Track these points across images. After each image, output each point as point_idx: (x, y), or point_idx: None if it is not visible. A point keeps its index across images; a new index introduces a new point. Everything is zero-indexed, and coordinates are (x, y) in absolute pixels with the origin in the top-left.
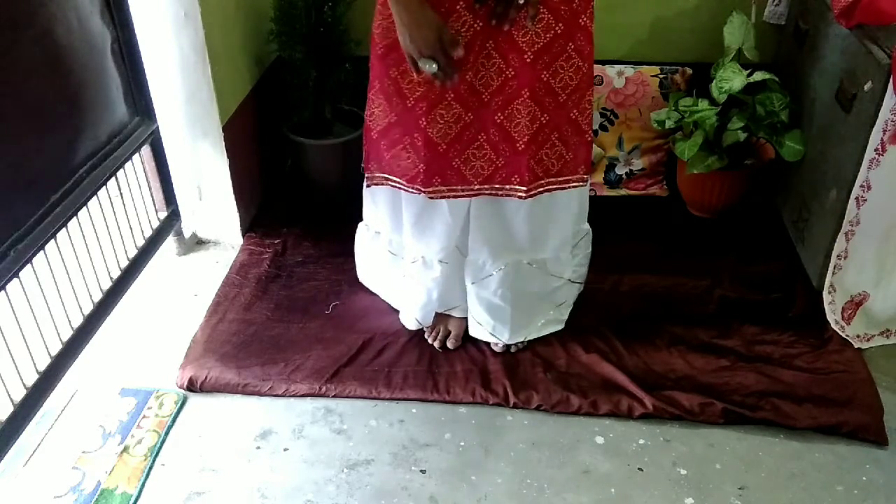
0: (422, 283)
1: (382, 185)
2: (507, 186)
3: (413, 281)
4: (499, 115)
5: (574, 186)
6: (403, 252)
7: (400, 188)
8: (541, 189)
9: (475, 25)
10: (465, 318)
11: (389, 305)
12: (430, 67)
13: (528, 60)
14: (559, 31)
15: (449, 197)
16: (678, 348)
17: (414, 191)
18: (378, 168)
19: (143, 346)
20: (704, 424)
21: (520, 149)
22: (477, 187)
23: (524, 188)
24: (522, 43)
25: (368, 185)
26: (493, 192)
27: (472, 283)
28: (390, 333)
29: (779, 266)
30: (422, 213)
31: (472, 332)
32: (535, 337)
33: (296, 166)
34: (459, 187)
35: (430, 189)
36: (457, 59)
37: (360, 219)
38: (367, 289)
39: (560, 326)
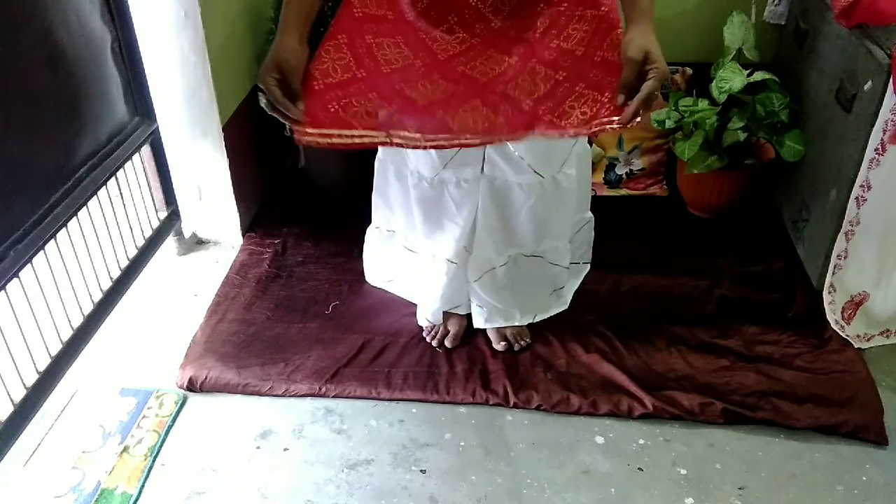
0: (433, 280)
1: (321, 140)
2: (505, 136)
3: (426, 278)
4: (500, 87)
5: (612, 127)
6: (418, 248)
7: (351, 142)
8: (558, 134)
9: (472, 41)
10: (466, 317)
11: (389, 305)
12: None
13: (534, 39)
14: (563, 8)
15: (426, 147)
16: (678, 348)
17: (376, 139)
18: (314, 122)
19: (143, 346)
20: (704, 424)
21: (525, 108)
22: (466, 137)
23: (526, 132)
24: (528, 34)
25: (297, 143)
26: (485, 140)
27: (476, 280)
28: (390, 334)
29: (779, 266)
30: (431, 212)
31: (481, 325)
32: (543, 318)
33: (296, 166)
34: (440, 135)
35: (403, 134)
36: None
37: (361, 219)
38: (367, 289)
39: (565, 307)
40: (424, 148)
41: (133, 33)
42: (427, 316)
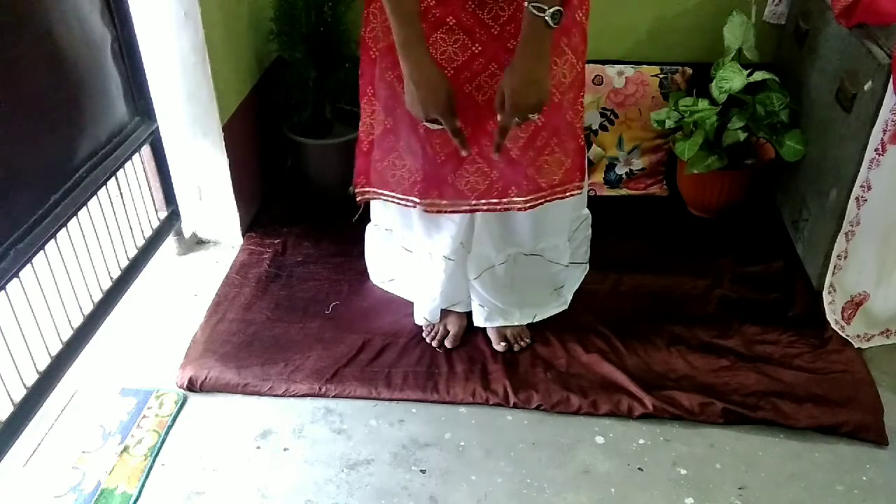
0: (431, 278)
1: (374, 199)
2: (505, 200)
3: (422, 277)
4: (490, 123)
5: (572, 195)
6: (415, 247)
7: (393, 201)
8: (541, 200)
9: (473, 48)
10: (465, 316)
11: (389, 305)
12: (434, 127)
13: None
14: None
15: (447, 211)
16: (678, 348)
17: (409, 204)
18: (367, 182)
19: (143, 346)
20: (704, 424)
21: (514, 156)
22: (474, 202)
23: (522, 199)
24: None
25: (359, 201)
26: (491, 206)
27: (475, 279)
28: (390, 334)
29: (779, 266)
30: None
31: (481, 324)
32: (543, 318)
33: (296, 166)
34: (457, 201)
35: (427, 202)
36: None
37: (361, 219)
38: (367, 289)
39: (565, 307)
40: (444, 213)
41: (133, 33)
42: (425, 315)
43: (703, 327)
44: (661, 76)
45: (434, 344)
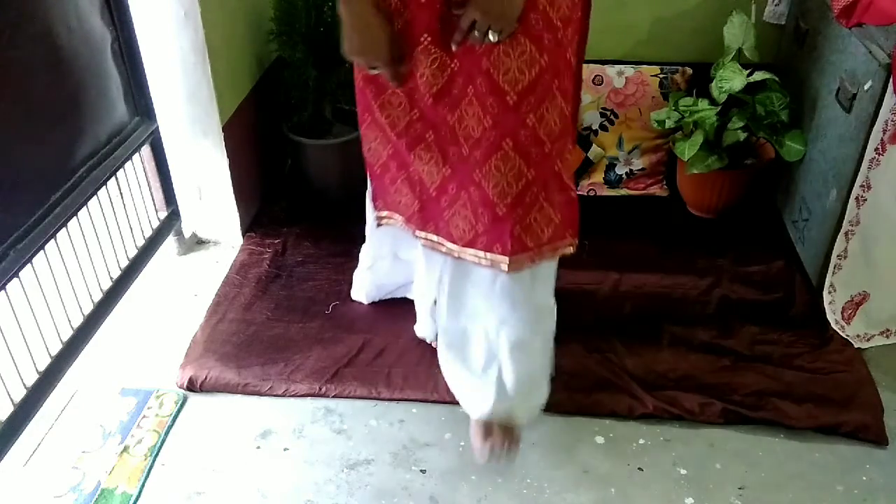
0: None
1: (391, 223)
2: (490, 255)
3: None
4: (476, 172)
5: (563, 253)
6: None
7: (402, 227)
8: (528, 262)
9: (452, 66)
10: None
11: (390, 306)
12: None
13: (511, 103)
14: (544, 65)
15: (440, 250)
16: (678, 348)
17: (410, 231)
18: (384, 205)
19: (143, 346)
20: (704, 424)
21: (500, 214)
22: (459, 248)
23: (506, 258)
24: (504, 83)
25: (379, 225)
26: (477, 259)
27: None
28: (391, 334)
29: (779, 266)
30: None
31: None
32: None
33: (296, 166)
34: (447, 243)
35: (423, 234)
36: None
37: (361, 219)
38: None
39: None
40: (435, 249)
41: (133, 33)
42: (425, 333)
43: (703, 327)
44: (661, 76)
45: (434, 344)
